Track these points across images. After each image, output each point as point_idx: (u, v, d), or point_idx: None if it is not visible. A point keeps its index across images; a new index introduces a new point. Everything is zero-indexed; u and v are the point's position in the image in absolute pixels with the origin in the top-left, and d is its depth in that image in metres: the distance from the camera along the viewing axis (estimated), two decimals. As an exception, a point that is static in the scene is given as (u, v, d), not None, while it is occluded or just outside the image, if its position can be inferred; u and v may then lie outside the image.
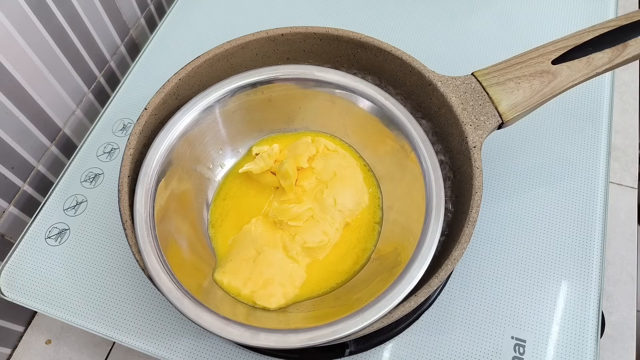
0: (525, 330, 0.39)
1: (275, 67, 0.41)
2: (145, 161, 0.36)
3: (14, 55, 0.45)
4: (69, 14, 0.50)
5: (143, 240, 0.33)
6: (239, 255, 0.38)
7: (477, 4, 0.57)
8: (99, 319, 0.40)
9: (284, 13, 0.57)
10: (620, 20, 0.39)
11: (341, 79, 0.40)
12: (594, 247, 0.42)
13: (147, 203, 0.34)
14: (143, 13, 0.63)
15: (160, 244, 0.33)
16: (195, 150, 0.40)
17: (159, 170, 0.36)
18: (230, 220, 0.40)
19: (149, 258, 0.32)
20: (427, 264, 0.32)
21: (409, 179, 0.38)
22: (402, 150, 0.38)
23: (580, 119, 0.49)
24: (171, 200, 0.37)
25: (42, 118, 0.51)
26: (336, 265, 0.38)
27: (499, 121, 0.37)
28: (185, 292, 0.31)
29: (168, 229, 0.36)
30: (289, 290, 0.37)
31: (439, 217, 0.34)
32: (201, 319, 0.30)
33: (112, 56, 0.59)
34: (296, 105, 0.42)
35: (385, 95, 0.39)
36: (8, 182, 0.49)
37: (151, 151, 0.36)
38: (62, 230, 0.44)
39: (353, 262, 0.38)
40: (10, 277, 0.42)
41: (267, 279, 0.36)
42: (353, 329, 0.30)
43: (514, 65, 0.38)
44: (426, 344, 0.38)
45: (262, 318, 0.34)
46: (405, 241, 0.36)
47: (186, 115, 0.38)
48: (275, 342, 0.30)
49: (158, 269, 0.32)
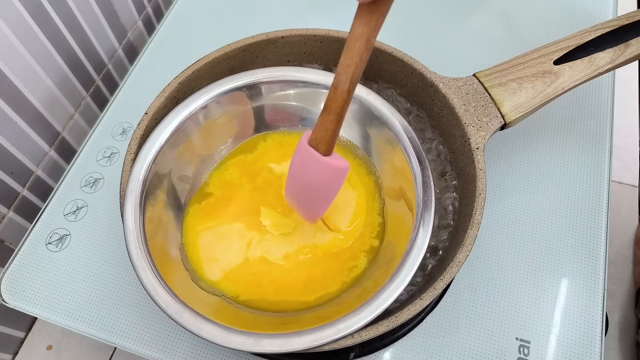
0: (529, 331, 0.39)
1: (254, 71, 0.40)
2: (132, 174, 0.35)
3: (11, 59, 0.45)
4: (67, 18, 0.50)
5: (137, 255, 0.32)
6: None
7: (477, 4, 0.57)
8: (101, 325, 0.40)
9: (283, 15, 0.57)
10: (622, 20, 0.39)
11: (315, 77, 0.40)
12: (599, 246, 0.42)
13: (137, 217, 0.34)
14: (141, 16, 0.63)
15: (154, 256, 0.33)
16: (181, 159, 0.39)
17: (146, 182, 0.35)
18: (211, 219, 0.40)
19: (144, 273, 0.32)
20: (422, 253, 0.32)
21: (398, 171, 0.38)
22: (389, 143, 0.38)
23: (583, 118, 0.48)
24: (160, 211, 0.37)
25: (40, 123, 0.50)
26: (312, 286, 0.37)
27: (502, 122, 0.37)
28: (183, 304, 0.31)
29: (159, 241, 0.35)
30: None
31: (431, 205, 0.34)
32: (202, 331, 0.30)
33: (110, 60, 0.59)
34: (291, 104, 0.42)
35: (367, 91, 0.39)
36: (7, 187, 0.48)
37: (137, 164, 0.35)
38: (62, 235, 0.43)
39: (332, 289, 0.37)
40: (11, 284, 0.41)
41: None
42: (357, 325, 0.30)
43: (516, 65, 0.38)
44: (430, 347, 0.38)
45: (264, 323, 0.34)
46: (400, 234, 0.36)
47: (169, 126, 0.37)
48: (279, 346, 0.30)
49: (155, 284, 0.31)
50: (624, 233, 0.64)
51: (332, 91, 0.28)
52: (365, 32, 0.26)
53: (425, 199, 0.34)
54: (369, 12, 0.25)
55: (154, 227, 0.35)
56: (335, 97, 0.28)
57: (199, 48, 0.43)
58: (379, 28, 0.26)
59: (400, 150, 0.37)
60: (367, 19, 0.25)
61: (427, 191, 0.35)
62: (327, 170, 0.31)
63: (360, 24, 0.26)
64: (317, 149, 0.30)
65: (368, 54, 0.26)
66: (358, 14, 0.26)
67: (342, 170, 0.31)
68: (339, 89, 0.28)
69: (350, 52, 0.26)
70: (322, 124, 0.29)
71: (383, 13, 0.25)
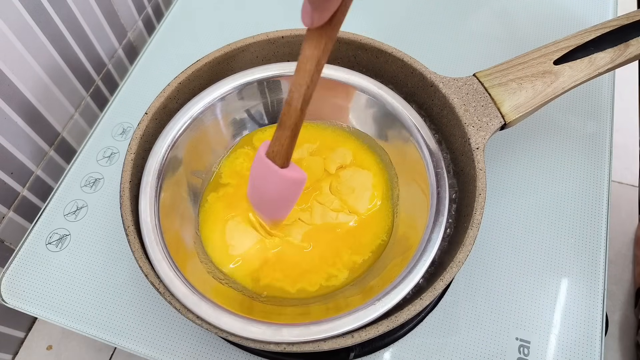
0: (529, 331, 0.39)
1: (275, 64, 0.41)
2: (146, 169, 0.36)
3: (11, 59, 0.45)
4: (67, 18, 0.50)
5: (152, 248, 0.33)
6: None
7: (477, 4, 0.57)
8: (100, 325, 0.40)
9: (283, 15, 0.57)
10: (622, 20, 0.39)
11: (334, 73, 0.40)
12: (599, 246, 0.42)
13: (153, 211, 0.34)
14: (141, 16, 0.63)
15: (170, 249, 0.33)
16: (195, 152, 0.40)
17: (160, 176, 0.36)
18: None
19: (160, 265, 0.32)
20: (438, 242, 0.33)
21: (411, 165, 0.38)
22: (401, 137, 0.39)
23: (583, 118, 0.48)
24: (174, 204, 0.37)
25: (40, 123, 0.50)
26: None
27: (502, 122, 0.37)
28: (200, 295, 0.31)
29: (174, 233, 0.36)
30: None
31: (445, 195, 0.35)
32: (221, 321, 0.30)
33: (110, 60, 0.59)
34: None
35: (378, 85, 0.40)
36: (7, 187, 0.48)
37: (151, 158, 0.36)
38: (62, 235, 0.43)
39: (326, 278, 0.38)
40: (11, 284, 0.41)
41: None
42: (373, 315, 0.30)
43: (516, 65, 0.38)
44: (430, 346, 0.38)
45: (281, 314, 0.34)
46: (414, 225, 0.36)
47: (189, 113, 0.38)
48: (298, 335, 0.30)
49: (172, 277, 0.32)
50: (624, 233, 0.64)
51: (285, 107, 0.29)
52: (315, 54, 0.27)
53: (439, 189, 0.35)
54: (317, 35, 0.26)
55: (168, 219, 0.36)
56: (289, 114, 0.29)
57: (199, 48, 0.43)
58: (329, 51, 0.27)
59: (413, 143, 0.38)
60: (317, 41, 0.27)
61: (441, 182, 0.35)
62: (283, 181, 0.32)
63: (309, 46, 0.27)
64: (274, 161, 0.31)
65: (319, 74, 0.28)
66: (307, 36, 0.27)
67: (298, 182, 0.33)
68: (293, 105, 0.29)
69: (302, 73, 0.28)
70: (278, 138, 0.31)
71: (331, 37, 0.26)
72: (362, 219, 0.39)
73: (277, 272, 0.37)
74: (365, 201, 0.40)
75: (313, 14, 0.25)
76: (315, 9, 0.24)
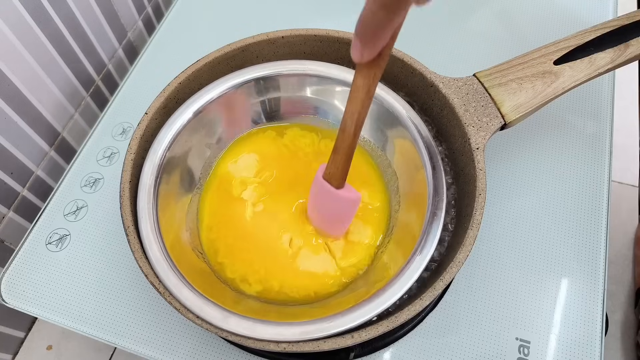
0: (529, 332, 0.39)
1: (273, 63, 0.41)
2: (144, 169, 0.36)
3: (11, 59, 0.45)
4: (67, 18, 0.50)
5: (152, 248, 0.33)
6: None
7: (477, 4, 0.57)
8: (100, 325, 0.40)
9: (283, 15, 0.57)
10: (622, 20, 0.39)
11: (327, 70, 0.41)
12: (599, 246, 0.42)
13: (152, 211, 0.34)
14: (141, 16, 0.63)
15: (169, 249, 0.33)
16: (193, 151, 0.40)
17: (159, 176, 0.36)
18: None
19: (159, 265, 0.32)
20: (434, 245, 0.33)
21: (408, 158, 0.39)
22: (402, 139, 0.39)
23: (583, 118, 0.48)
24: (173, 203, 0.37)
25: (40, 122, 0.50)
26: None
27: (502, 122, 0.37)
28: (200, 295, 0.31)
29: (174, 233, 0.36)
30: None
31: (443, 192, 0.35)
32: (227, 324, 0.30)
33: (110, 60, 0.59)
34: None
35: (380, 85, 0.39)
36: (7, 187, 0.48)
37: (149, 158, 0.36)
38: (62, 235, 0.43)
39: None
40: (11, 284, 0.41)
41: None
42: (380, 308, 0.31)
43: (516, 65, 0.38)
44: (430, 347, 0.38)
45: (278, 314, 0.34)
46: (412, 224, 0.37)
47: (185, 113, 0.38)
48: (298, 335, 0.30)
49: (171, 277, 0.32)
50: (624, 233, 0.64)
51: (340, 134, 0.31)
52: (365, 83, 0.28)
53: (436, 183, 0.36)
54: (368, 67, 0.28)
55: (167, 219, 0.36)
56: (344, 139, 0.31)
57: (199, 48, 0.43)
58: (378, 79, 0.28)
59: (414, 147, 0.38)
60: (367, 72, 0.28)
61: (439, 190, 0.36)
62: (339, 201, 0.35)
63: (360, 76, 0.28)
64: (331, 183, 0.34)
65: (370, 101, 0.29)
66: (358, 68, 0.28)
67: (353, 201, 0.35)
68: (347, 132, 0.31)
69: (354, 101, 0.29)
70: (333, 161, 0.33)
71: (381, 67, 0.28)
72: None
73: (277, 274, 0.37)
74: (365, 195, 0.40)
75: (363, 50, 0.26)
76: (365, 45, 0.25)
